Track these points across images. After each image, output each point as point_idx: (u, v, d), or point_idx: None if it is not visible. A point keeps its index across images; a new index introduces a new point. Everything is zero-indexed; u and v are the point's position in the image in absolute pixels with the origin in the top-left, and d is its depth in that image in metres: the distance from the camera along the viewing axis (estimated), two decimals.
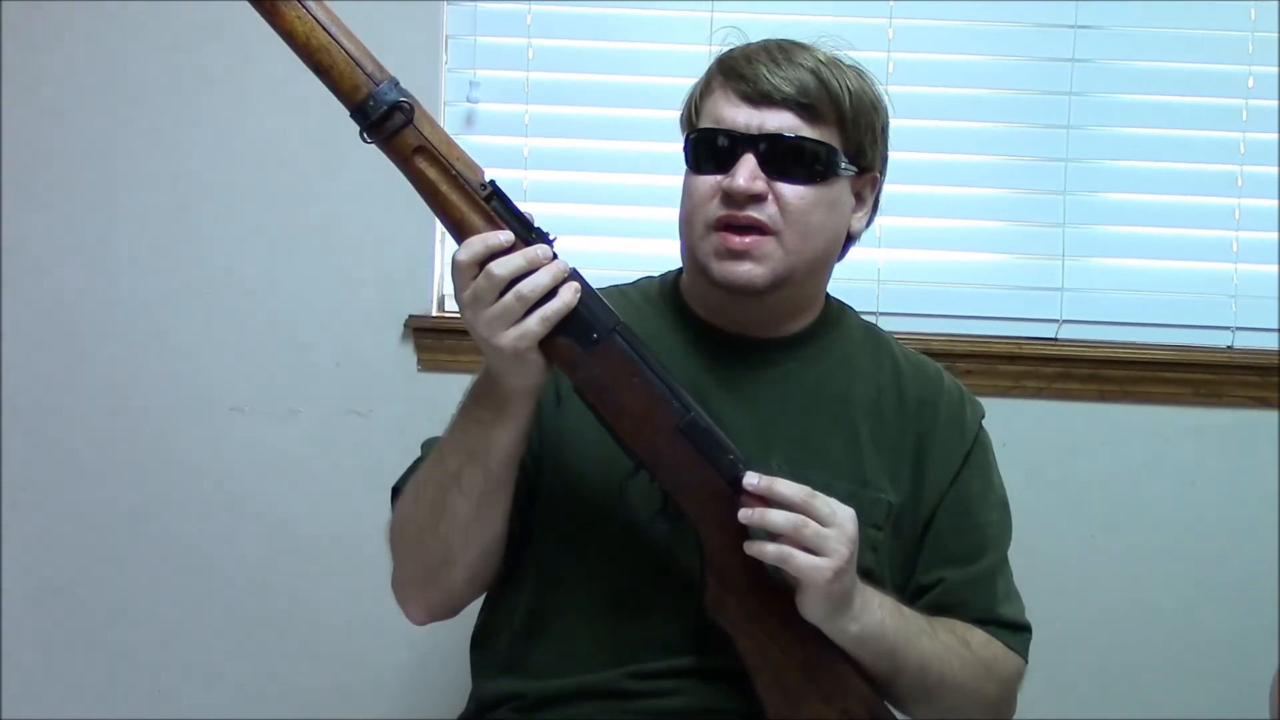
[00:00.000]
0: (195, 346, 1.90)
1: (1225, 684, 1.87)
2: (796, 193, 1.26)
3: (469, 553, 1.25)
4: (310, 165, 1.89)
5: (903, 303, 1.89)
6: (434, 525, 1.23)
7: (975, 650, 1.30)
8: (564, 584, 1.30)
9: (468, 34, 1.90)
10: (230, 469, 1.91)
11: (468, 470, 1.20)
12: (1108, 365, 1.88)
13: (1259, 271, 1.90)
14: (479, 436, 1.20)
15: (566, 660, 1.29)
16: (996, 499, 1.39)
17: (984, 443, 1.39)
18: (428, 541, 1.25)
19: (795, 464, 1.29)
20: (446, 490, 1.22)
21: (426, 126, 1.17)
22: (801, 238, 1.27)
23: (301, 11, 1.14)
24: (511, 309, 1.12)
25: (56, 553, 1.92)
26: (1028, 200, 1.92)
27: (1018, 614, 1.37)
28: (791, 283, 1.29)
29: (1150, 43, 1.89)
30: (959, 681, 1.28)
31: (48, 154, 1.88)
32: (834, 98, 1.27)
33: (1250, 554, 1.88)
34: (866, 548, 1.28)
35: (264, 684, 1.92)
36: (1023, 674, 1.36)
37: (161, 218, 1.89)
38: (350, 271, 1.89)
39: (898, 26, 1.88)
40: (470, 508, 1.21)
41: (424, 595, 1.30)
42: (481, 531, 1.24)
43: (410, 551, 1.28)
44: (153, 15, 1.86)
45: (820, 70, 1.27)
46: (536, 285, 1.12)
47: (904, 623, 1.24)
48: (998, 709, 1.34)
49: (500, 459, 1.20)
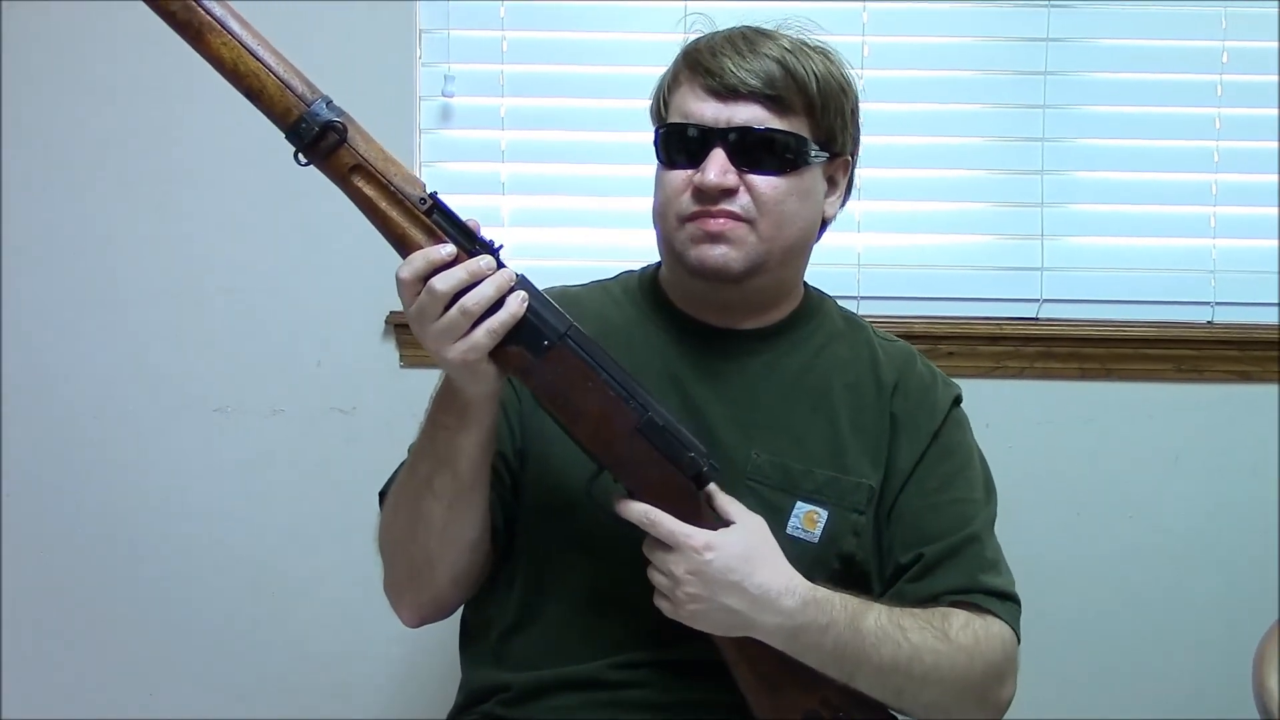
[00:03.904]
0: (177, 349, 1.89)
1: (1212, 658, 1.88)
2: (769, 183, 1.26)
3: (448, 554, 1.26)
4: (289, 163, 1.87)
5: (883, 287, 1.90)
6: (412, 531, 1.25)
7: (954, 639, 1.26)
8: (549, 577, 1.31)
9: (441, 28, 1.89)
10: (216, 470, 1.90)
11: (438, 476, 1.21)
12: (1089, 343, 1.89)
13: (1237, 246, 1.91)
14: (446, 443, 1.20)
15: (550, 653, 1.30)
16: (976, 476, 1.38)
17: (958, 421, 1.38)
18: (409, 546, 1.26)
19: (776, 453, 1.30)
20: (420, 497, 1.23)
21: (361, 144, 1.17)
22: (776, 226, 1.27)
23: (227, 38, 1.13)
24: (457, 323, 1.12)
25: (49, 554, 1.92)
26: (1005, 181, 1.92)
27: (1004, 584, 1.33)
28: (767, 270, 1.29)
29: (1124, 20, 1.90)
30: (939, 676, 1.24)
31: (32, 155, 1.87)
32: (801, 86, 1.27)
33: (1236, 528, 1.89)
34: (849, 533, 1.29)
35: (255, 682, 1.92)
36: (1013, 647, 1.32)
37: (140, 219, 1.88)
38: (330, 269, 1.88)
39: (872, 10, 1.88)
40: (444, 511, 1.22)
41: (412, 598, 1.31)
42: (458, 533, 1.25)
43: (395, 556, 1.30)
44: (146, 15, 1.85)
45: (786, 59, 1.27)
46: (481, 298, 1.12)
47: (857, 639, 1.21)
48: (986, 689, 1.29)
49: (468, 463, 1.20)
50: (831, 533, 1.30)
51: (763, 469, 1.30)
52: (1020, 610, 1.34)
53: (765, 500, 1.28)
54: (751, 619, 1.18)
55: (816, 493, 1.30)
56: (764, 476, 1.30)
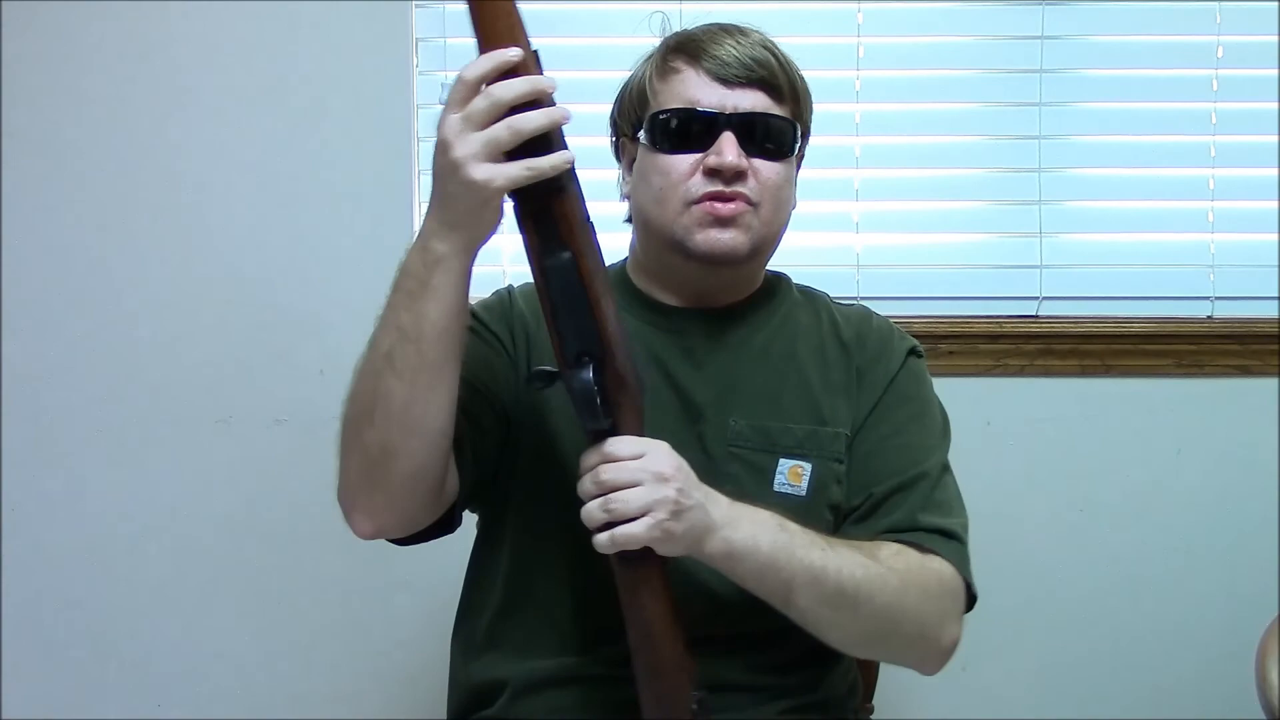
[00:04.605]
0: (179, 360, 1.89)
1: (1215, 652, 1.88)
2: (771, 168, 1.29)
3: (410, 442, 1.16)
4: (292, 172, 1.89)
5: (883, 287, 1.90)
6: (370, 414, 1.16)
7: (884, 561, 1.23)
8: (539, 560, 1.31)
9: (437, 36, 1.90)
10: (220, 480, 1.90)
11: (399, 348, 1.14)
12: (1089, 340, 1.89)
13: (1235, 241, 1.91)
14: (407, 309, 1.13)
15: (544, 637, 1.30)
16: (933, 426, 1.37)
17: (914, 371, 1.39)
18: (365, 433, 1.17)
19: (756, 417, 1.32)
20: (380, 374, 1.15)
21: None
22: (775, 210, 1.31)
23: None
24: (499, 140, 1.06)
25: (53, 565, 1.92)
26: (1003, 179, 1.93)
27: (947, 524, 1.29)
28: (763, 253, 1.34)
29: (1118, 16, 1.90)
30: (869, 593, 1.20)
31: (32, 163, 1.88)
32: (790, 77, 1.32)
33: (1238, 522, 1.90)
34: (833, 481, 1.31)
35: (258, 688, 1.92)
36: (956, 587, 1.27)
37: (142, 229, 1.89)
38: (331, 277, 1.89)
39: (867, 10, 1.88)
40: (405, 389, 1.14)
41: (367, 498, 1.21)
42: (422, 417, 1.15)
43: (350, 447, 1.20)
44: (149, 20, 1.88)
45: (773, 50, 1.31)
46: (534, 125, 1.06)
47: (786, 536, 1.19)
48: (924, 624, 1.25)
49: (434, 333, 1.13)
50: (817, 484, 1.31)
51: (743, 434, 1.32)
52: (967, 553, 1.30)
53: (749, 463, 1.30)
54: (710, 519, 1.15)
55: (797, 447, 1.31)
56: (745, 441, 1.32)
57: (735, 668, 1.29)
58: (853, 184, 1.91)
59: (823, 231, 1.91)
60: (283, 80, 1.87)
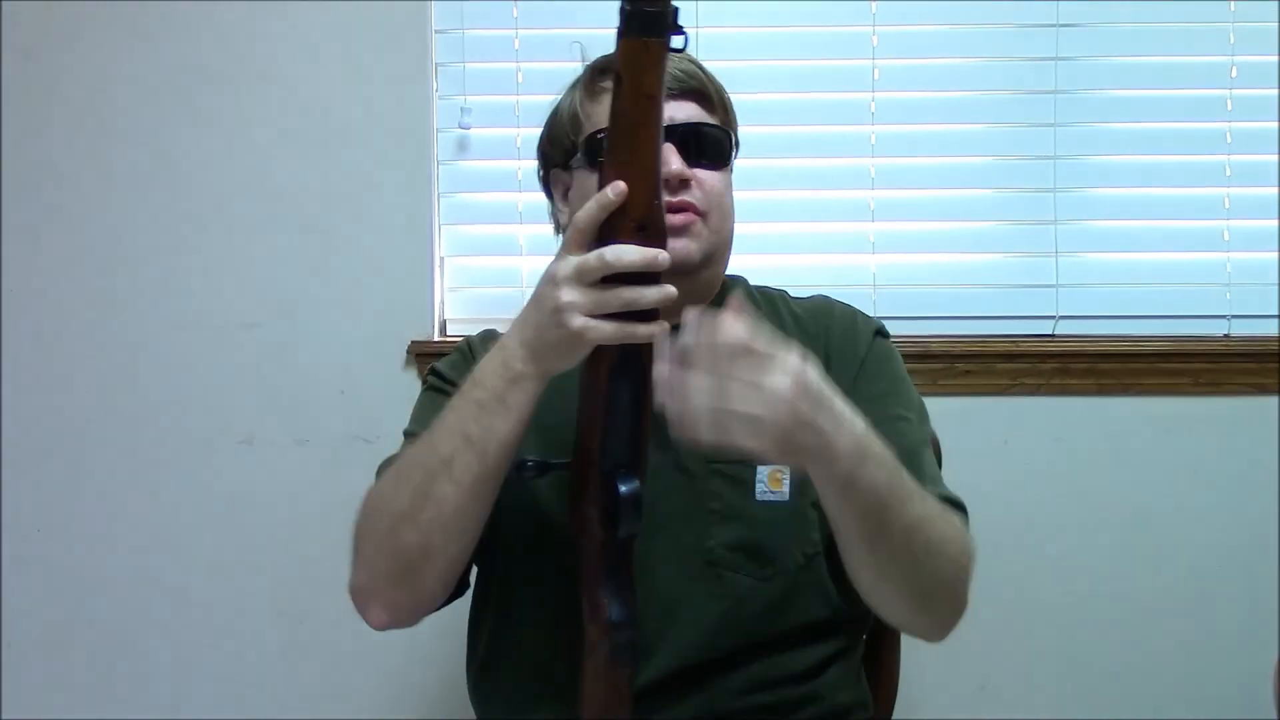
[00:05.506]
0: (202, 382, 1.92)
1: (1229, 674, 1.87)
2: (712, 177, 1.31)
3: (451, 546, 1.18)
4: (313, 194, 1.91)
5: (899, 306, 1.90)
6: (416, 514, 1.16)
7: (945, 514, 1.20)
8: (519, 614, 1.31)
9: (456, 61, 1.92)
10: (242, 501, 1.92)
11: (461, 456, 1.14)
12: (1105, 359, 1.89)
13: (1252, 259, 1.91)
14: (476, 420, 1.14)
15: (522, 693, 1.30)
16: (906, 401, 1.35)
17: (883, 351, 1.38)
18: (405, 532, 1.17)
19: None
20: (436, 477, 1.15)
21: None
22: (721, 218, 1.33)
23: None
24: (606, 304, 1.07)
25: (79, 585, 1.95)
26: (1018, 199, 1.93)
27: (948, 492, 1.27)
28: (715, 261, 1.34)
29: (1133, 38, 1.91)
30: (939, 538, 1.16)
31: (48, 186, 1.92)
32: (717, 87, 1.35)
33: (1254, 542, 1.88)
34: None
35: (280, 703, 1.94)
36: (973, 552, 1.23)
37: (161, 252, 1.92)
38: (351, 300, 1.91)
39: (881, 33, 1.90)
40: (459, 496, 1.15)
41: (392, 594, 1.22)
42: (466, 525, 1.17)
43: (382, 544, 1.19)
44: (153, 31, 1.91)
45: (697, 62, 1.34)
46: (642, 300, 1.07)
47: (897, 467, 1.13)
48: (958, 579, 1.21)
49: (498, 449, 1.14)
50: (798, 485, 1.28)
51: None
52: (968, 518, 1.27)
53: (730, 477, 1.29)
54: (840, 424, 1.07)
55: None
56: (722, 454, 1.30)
57: (732, 693, 1.28)
58: (868, 204, 1.92)
59: (839, 253, 1.92)
60: (306, 105, 1.90)
